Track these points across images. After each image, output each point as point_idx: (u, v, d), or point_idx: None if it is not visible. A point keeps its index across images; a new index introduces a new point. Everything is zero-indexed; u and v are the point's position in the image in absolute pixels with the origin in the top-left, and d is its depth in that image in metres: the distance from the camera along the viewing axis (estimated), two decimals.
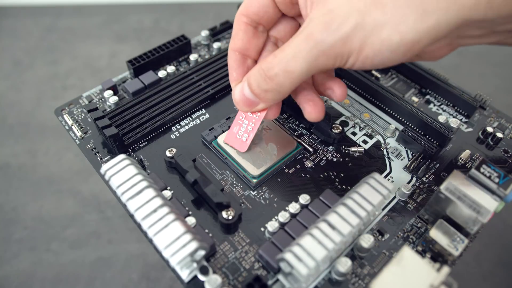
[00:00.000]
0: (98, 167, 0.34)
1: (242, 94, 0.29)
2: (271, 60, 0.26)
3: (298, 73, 0.25)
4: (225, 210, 0.31)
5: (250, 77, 0.28)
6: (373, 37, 0.23)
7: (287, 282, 0.28)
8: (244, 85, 0.29)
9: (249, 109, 0.30)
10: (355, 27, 0.23)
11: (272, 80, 0.26)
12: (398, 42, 0.23)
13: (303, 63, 0.25)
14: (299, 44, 0.24)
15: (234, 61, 0.31)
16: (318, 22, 0.24)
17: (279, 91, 0.27)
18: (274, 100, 0.28)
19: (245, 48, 0.30)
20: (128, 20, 1.00)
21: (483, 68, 0.87)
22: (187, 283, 0.28)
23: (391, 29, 0.22)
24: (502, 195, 0.28)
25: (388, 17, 0.22)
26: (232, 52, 0.31)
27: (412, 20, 0.22)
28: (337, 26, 0.23)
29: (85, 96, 0.41)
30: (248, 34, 0.30)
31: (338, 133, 0.36)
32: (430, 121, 0.36)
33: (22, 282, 0.59)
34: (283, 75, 0.26)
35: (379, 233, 0.31)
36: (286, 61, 0.25)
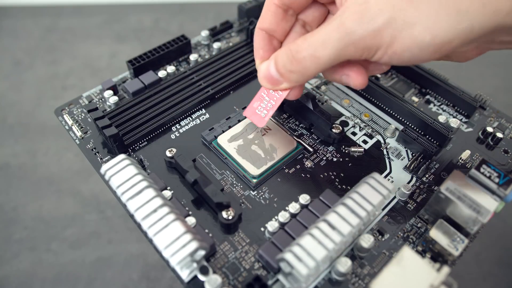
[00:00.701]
0: (98, 167, 0.34)
1: (267, 71, 0.29)
2: (300, 43, 0.26)
3: (325, 59, 0.25)
4: (225, 210, 0.31)
5: (277, 56, 0.28)
6: (404, 33, 0.23)
7: (287, 282, 0.28)
8: (270, 63, 0.29)
9: (272, 87, 0.30)
10: (388, 22, 0.23)
11: (299, 62, 0.27)
12: (429, 41, 0.23)
13: (332, 50, 0.25)
14: (330, 32, 0.24)
15: (261, 40, 0.31)
16: (352, 12, 0.24)
17: (304, 74, 0.27)
18: (298, 82, 0.29)
19: (273, 30, 0.30)
20: (128, 20, 1.00)
21: (483, 68, 0.87)
22: (187, 283, 0.28)
23: (423, 28, 0.22)
24: (502, 195, 0.28)
25: (421, 16, 0.22)
26: (259, 30, 0.31)
27: (445, 20, 0.22)
28: (370, 18, 0.23)
29: (85, 96, 0.41)
30: (278, 17, 0.30)
31: (338, 133, 0.36)
32: (430, 121, 0.36)
33: (22, 282, 0.59)
34: (309, 59, 0.26)
35: (379, 233, 0.31)
36: (315, 47, 0.25)
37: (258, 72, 0.30)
